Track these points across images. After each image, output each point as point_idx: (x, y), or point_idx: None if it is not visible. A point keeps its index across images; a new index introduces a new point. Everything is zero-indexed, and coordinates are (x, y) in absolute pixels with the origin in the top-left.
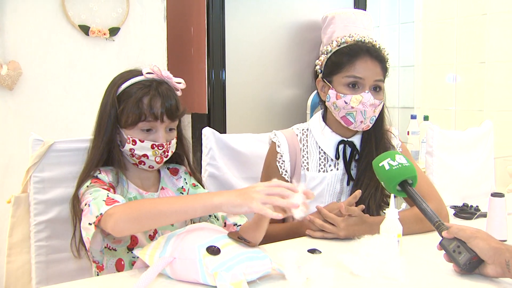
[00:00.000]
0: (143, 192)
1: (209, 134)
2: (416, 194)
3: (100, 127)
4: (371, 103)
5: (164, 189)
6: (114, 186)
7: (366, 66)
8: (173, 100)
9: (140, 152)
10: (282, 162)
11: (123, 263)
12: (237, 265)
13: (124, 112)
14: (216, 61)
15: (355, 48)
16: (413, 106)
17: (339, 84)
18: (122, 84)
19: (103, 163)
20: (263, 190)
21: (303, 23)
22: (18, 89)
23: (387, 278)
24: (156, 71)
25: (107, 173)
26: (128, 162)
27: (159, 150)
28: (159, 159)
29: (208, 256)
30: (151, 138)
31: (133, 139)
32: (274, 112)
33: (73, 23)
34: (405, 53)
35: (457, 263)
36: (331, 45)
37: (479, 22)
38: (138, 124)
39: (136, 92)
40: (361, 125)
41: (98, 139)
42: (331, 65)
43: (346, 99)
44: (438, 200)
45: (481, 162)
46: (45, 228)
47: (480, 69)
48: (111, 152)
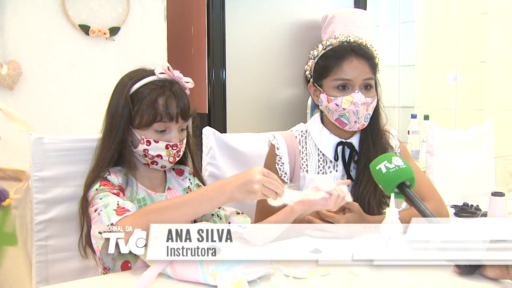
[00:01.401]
0: (151, 193)
1: (209, 134)
2: (415, 196)
3: (112, 127)
4: (362, 102)
5: (170, 189)
6: (123, 188)
7: (353, 67)
8: (186, 100)
9: (154, 153)
10: (282, 165)
11: (129, 265)
12: (237, 265)
13: (139, 112)
14: (216, 60)
15: (340, 49)
16: (413, 106)
17: (329, 88)
18: (134, 84)
19: (113, 163)
20: (262, 180)
21: (304, 23)
22: (18, 88)
23: (387, 278)
24: (168, 72)
25: (116, 174)
26: (138, 162)
27: (173, 150)
28: (172, 159)
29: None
30: (166, 139)
31: (147, 140)
32: (274, 111)
33: (73, 22)
34: (405, 52)
35: (457, 265)
36: (317, 49)
37: (479, 21)
38: (153, 125)
39: (151, 93)
40: (356, 125)
41: (109, 140)
42: (319, 70)
43: (337, 101)
44: (439, 200)
45: (481, 161)
46: (46, 228)
47: (481, 68)
48: (122, 152)
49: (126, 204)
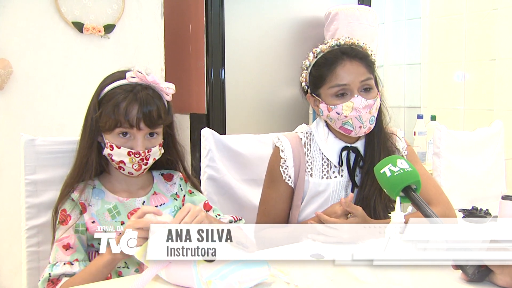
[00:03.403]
0: (123, 199)
1: (208, 135)
2: (421, 201)
3: (84, 129)
4: (363, 105)
5: (156, 194)
6: (85, 205)
7: (347, 70)
8: (153, 106)
9: (117, 158)
10: (286, 168)
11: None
12: (232, 273)
13: (102, 116)
14: (215, 59)
15: (331, 56)
16: (419, 106)
17: (327, 96)
18: (106, 86)
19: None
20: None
21: (306, 20)
22: (8, 88)
23: (393, 284)
24: (140, 76)
25: (80, 191)
26: (111, 167)
27: (136, 157)
28: (137, 166)
29: (203, 263)
30: (128, 145)
31: (110, 144)
32: (275, 112)
33: (66, 19)
34: (412, 50)
35: (465, 272)
36: (309, 58)
37: (489, 18)
38: (115, 130)
39: (116, 97)
40: (361, 130)
41: (83, 142)
42: (313, 80)
43: (337, 109)
44: (446, 204)
45: (491, 163)
46: (38, 233)
47: (490, 66)
48: (90, 156)
49: (59, 270)
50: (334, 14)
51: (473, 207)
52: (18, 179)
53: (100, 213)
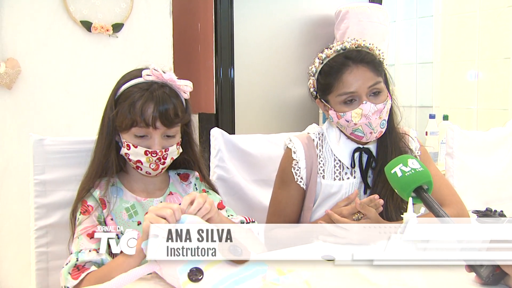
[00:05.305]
0: (141, 199)
1: (217, 135)
2: (433, 201)
3: (102, 128)
4: (373, 111)
5: (172, 194)
6: (104, 201)
7: (354, 77)
8: (170, 104)
9: (134, 158)
10: (298, 169)
11: None
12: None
13: (118, 115)
14: (224, 58)
15: (336, 63)
16: (431, 105)
17: (336, 103)
18: (123, 85)
19: (103, 168)
20: (149, 217)
21: (316, 18)
22: (17, 88)
23: (405, 285)
24: (156, 74)
25: (101, 187)
26: (129, 166)
27: (153, 157)
28: (154, 165)
29: (189, 284)
30: (145, 144)
31: (127, 144)
32: (285, 111)
33: (75, 18)
34: (423, 49)
35: (479, 275)
36: (315, 65)
37: (503, 15)
38: (131, 129)
39: (132, 96)
40: (372, 135)
41: (100, 142)
42: (321, 87)
43: (346, 117)
44: (460, 205)
45: (505, 164)
46: (47, 234)
47: (504, 65)
48: (109, 156)
49: (85, 256)
50: (344, 12)
51: (487, 208)
52: (26, 179)
53: (117, 211)
